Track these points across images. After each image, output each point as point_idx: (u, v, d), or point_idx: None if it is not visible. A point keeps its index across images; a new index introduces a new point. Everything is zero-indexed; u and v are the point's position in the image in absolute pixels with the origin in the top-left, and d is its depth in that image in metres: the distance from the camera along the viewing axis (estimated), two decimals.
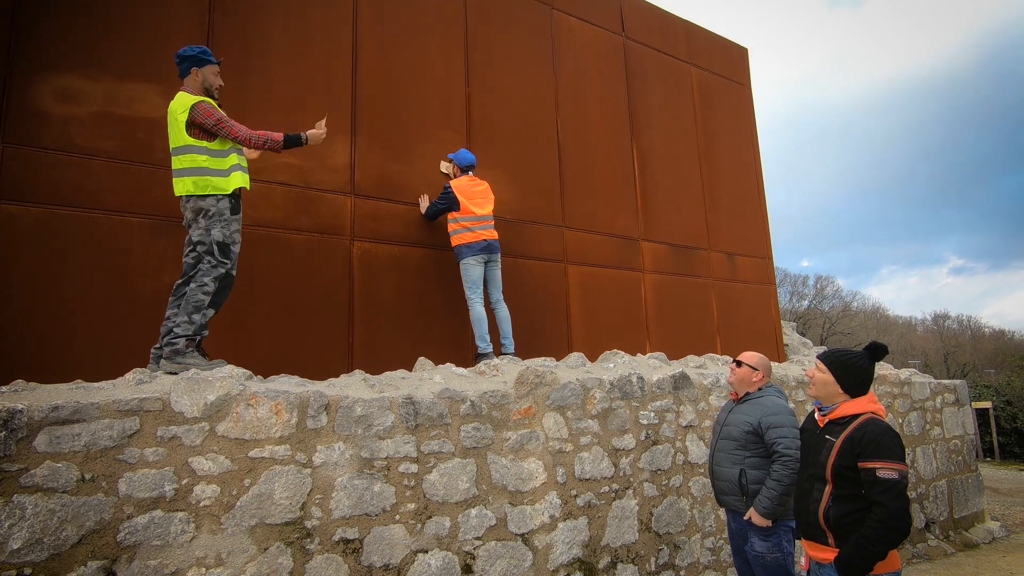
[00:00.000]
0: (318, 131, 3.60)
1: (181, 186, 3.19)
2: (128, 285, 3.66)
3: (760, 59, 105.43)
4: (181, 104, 3.18)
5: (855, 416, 2.36)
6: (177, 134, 3.18)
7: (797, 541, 2.73)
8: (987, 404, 16.10)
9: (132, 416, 2.56)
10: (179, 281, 3.27)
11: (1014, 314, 64.78)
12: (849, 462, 2.27)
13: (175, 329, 3.12)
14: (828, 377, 2.45)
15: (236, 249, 3.29)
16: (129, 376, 2.90)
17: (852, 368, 2.42)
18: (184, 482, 2.61)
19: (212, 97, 3.34)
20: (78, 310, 3.49)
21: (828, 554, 2.33)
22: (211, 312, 3.21)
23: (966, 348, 33.21)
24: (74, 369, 3.30)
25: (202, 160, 3.16)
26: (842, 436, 2.32)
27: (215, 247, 3.17)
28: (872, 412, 2.36)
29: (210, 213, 3.16)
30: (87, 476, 2.43)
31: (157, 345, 3.22)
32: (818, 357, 2.54)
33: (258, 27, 4.40)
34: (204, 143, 3.18)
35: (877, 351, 2.46)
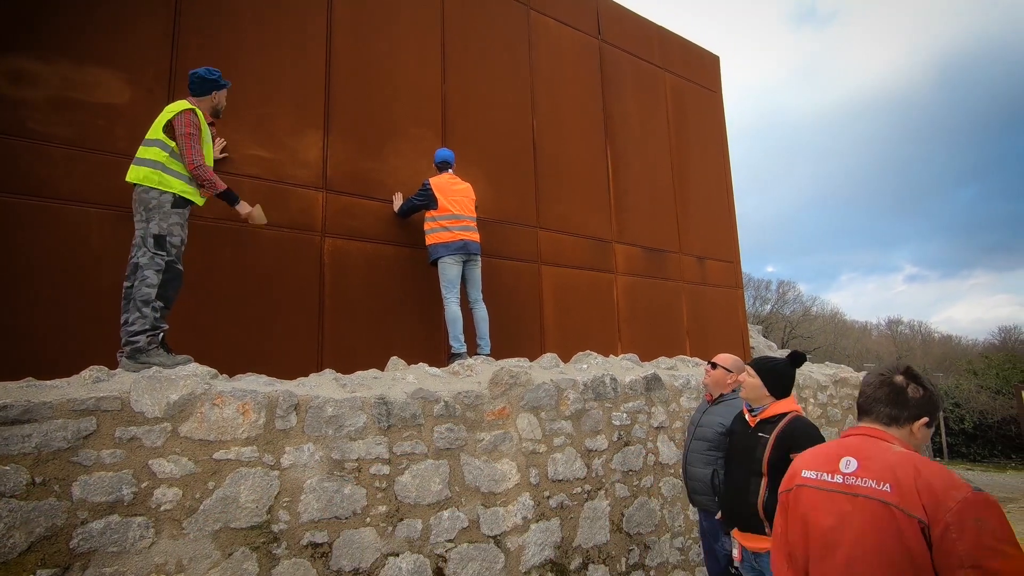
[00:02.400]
0: (255, 211, 3.58)
1: (134, 173, 3.22)
2: (85, 278, 3.48)
3: (728, 70, 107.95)
4: (177, 106, 3.27)
5: (783, 415, 2.67)
6: (155, 128, 3.25)
7: (730, 534, 2.84)
8: None
9: (88, 416, 2.43)
10: (126, 284, 3.18)
11: (962, 320, 67.78)
12: (782, 454, 2.54)
13: (131, 328, 3.04)
14: (757, 381, 2.74)
15: (175, 242, 3.22)
16: (86, 374, 2.75)
17: (777, 373, 2.73)
18: (144, 485, 2.48)
19: (218, 116, 3.56)
20: (30, 304, 3.31)
21: (765, 543, 2.54)
22: (160, 305, 3.13)
23: (917, 352, 34.51)
24: (25, 366, 3.12)
25: (163, 156, 3.21)
26: (775, 432, 2.61)
27: (151, 239, 3.15)
28: (796, 411, 2.68)
29: (151, 206, 3.17)
30: (38, 479, 2.29)
31: (121, 350, 3.09)
32: (748, 364, 2.82)
33: (228, 14, 4.25)
34: (173, 144, 3.25)
35: (797, 359, 2.80)
